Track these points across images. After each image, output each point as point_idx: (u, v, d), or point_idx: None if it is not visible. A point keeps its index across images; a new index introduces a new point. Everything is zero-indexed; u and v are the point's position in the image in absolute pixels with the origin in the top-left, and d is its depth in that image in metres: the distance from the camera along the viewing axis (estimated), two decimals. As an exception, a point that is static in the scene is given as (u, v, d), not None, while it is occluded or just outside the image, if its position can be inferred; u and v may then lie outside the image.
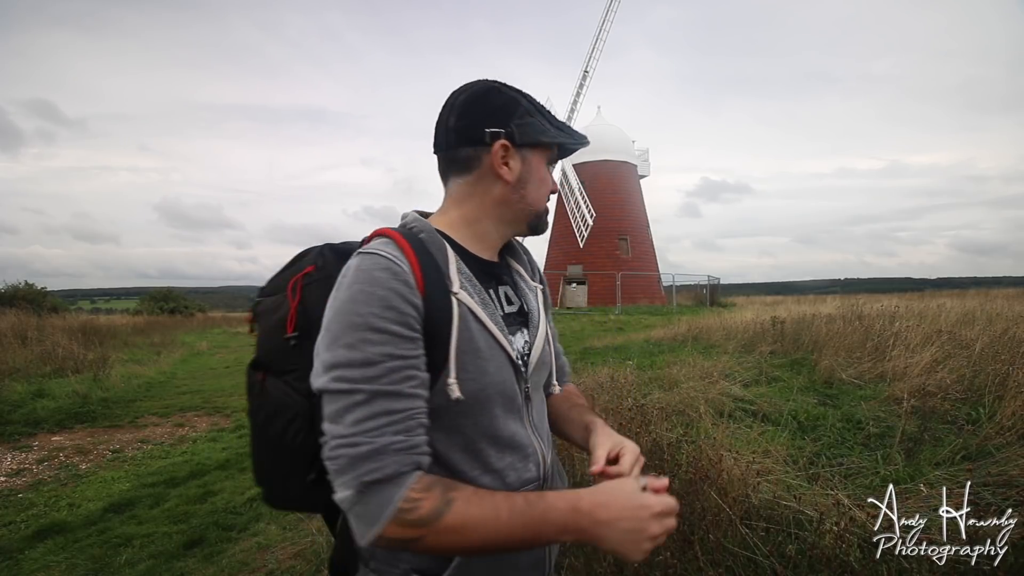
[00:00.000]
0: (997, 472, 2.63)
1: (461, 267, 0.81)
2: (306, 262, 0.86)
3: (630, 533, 0.67)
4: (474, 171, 0.84)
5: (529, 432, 0.85)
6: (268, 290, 0.90)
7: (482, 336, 0.78)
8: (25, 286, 20.79)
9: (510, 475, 0.81)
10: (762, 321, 8.76)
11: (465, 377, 0.74)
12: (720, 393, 4.49)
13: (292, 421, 0.80)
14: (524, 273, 0.96)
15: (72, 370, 7.37)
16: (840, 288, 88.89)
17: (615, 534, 0.67)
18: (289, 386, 0.82)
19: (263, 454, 0.86)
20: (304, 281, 0.83)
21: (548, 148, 0.88)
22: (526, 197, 0.86)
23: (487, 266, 0.88)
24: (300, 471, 0.81)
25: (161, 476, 4.04)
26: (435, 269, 0.76)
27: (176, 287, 29.64)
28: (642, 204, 28.02)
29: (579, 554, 1.94)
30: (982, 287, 23.48)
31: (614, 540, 0.68)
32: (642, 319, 16.05)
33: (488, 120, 0.82)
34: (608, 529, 0.68)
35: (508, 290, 0.91)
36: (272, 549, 2.79)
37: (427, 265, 0.75)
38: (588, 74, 25.17)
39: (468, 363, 0.75)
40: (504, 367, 0.80)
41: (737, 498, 2.20)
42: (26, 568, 2.69)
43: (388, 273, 0.71)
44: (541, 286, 0.98)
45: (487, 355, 0.78)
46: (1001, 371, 3.97)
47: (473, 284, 0.81)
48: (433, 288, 0.74)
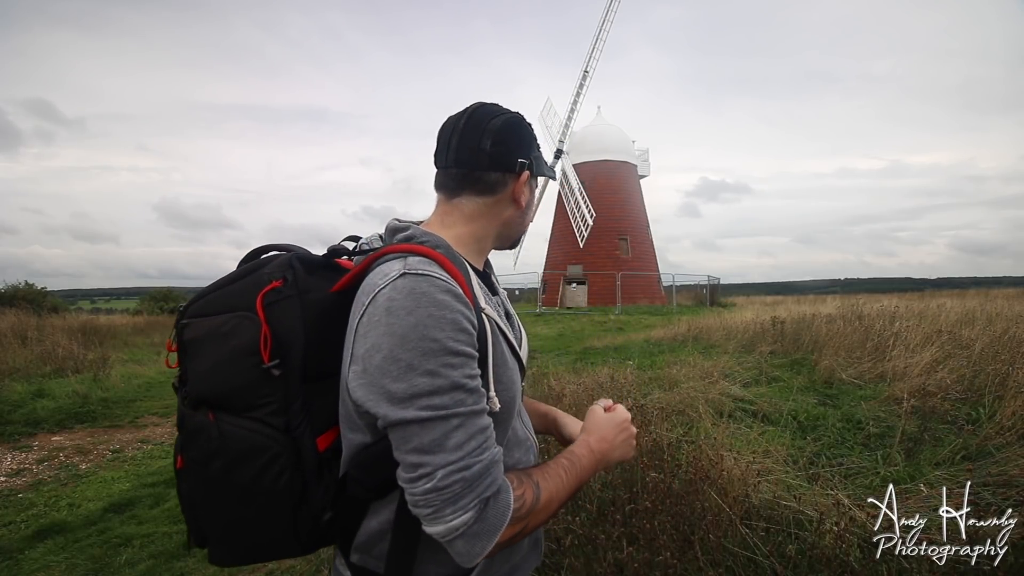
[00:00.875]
0: (997, 472, 2.63)
1: (479, 283, 0.83)
2: (269, 274, 0.75)
3: (623, 444, 0.92)
4: (497, 194, 0.87)
5: (525, 425, 0.93)
6: (204, 308, 0.77)
7: (505, 347, 0.82)
8: (25, 286, 20.77)
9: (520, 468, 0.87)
10: (762, 321, 8.76)
11: (500, 388, 0.77)
12: (720, 393, 4.49)
13: (272, 462, 0.72)
14: (495, 281, 1.01)
15: (72, 370, 7.36)
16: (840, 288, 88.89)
17: (617, 450, 0.91)
18: (261, 423, 0.72)
19: (217, 507, 0.75)
20: (271, 298, 0.72)
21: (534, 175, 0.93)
22: (525, 221, 0.95)
23: (483, 276, 0.90)
24: (283, 515, 0.74)
25: (161, 476, 4.03)
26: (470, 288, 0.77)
27: (176, 287, 29.58)
28: (642, 204, 28.01)
29: (579, 554, 1.94)
30: (982, 287, 23.48)
31: (618, 454, 0.91)
32: (642, 319, 16.05)
33: (520, 150, 0.87)
34: (613, 450, 0.90)
35: (499, 298, 0.95)
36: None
37: (469, 285, 0.76)
38: (588, 74, 25.16)
39: (502, 375, 0.78)
40: (516, 372, 0.85)
41: (737, 498, 2.20)
42: (26, 568, 2.69)
43: (451, 296, 0.69)
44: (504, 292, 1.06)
45: (512, 365, 0.83)
46: (1001, 371, 3.97)
47: (489, 298, 0.85)
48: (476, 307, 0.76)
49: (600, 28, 24.67)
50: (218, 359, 0.73)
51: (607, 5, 24.28)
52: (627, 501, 2.15)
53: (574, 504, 2.25)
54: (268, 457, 0.71)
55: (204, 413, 0.74)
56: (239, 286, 0.76)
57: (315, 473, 0.74)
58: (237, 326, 0.73)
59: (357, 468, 0.74)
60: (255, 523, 0.75)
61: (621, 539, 1.88)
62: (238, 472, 0.72)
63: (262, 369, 0.70)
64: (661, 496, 2.08)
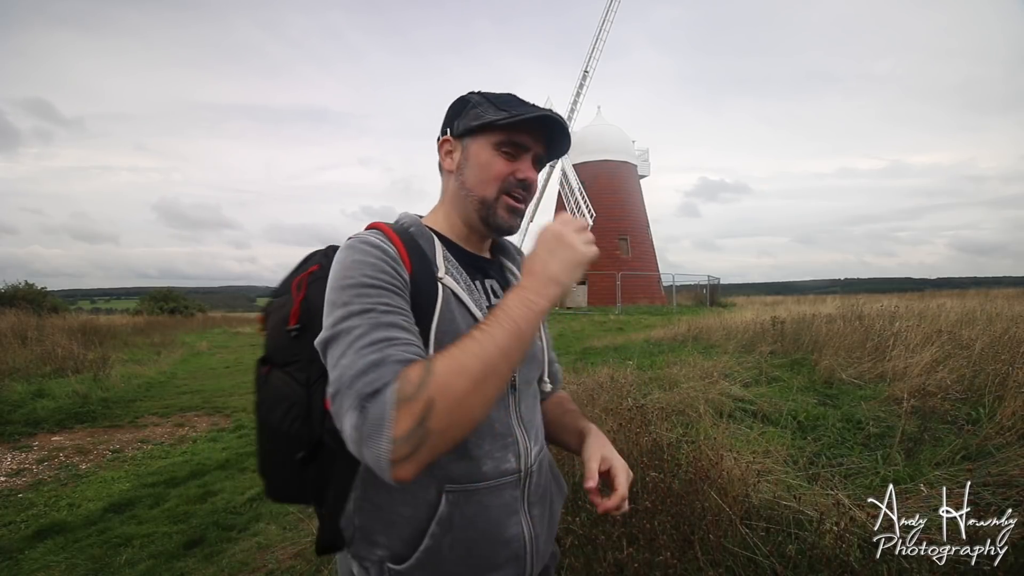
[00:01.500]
0: (997, 472, 2.63)
1: (447, 255, 0.86)
2: (311, 263, 0.90)
3: (562, 252, 0.76)
4: (441, 171, 0.93)
5: (513, 422, 0.86)
6: (277, 291, 0.94)
7: (464, 320, 0.82)
8: (25, 286, 20.78)
9: (486, 463, 0.82)
10: (762, 321, 8.76)
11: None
12: (720, 393, 4.49)
13: (290, 410, 0.83)
14: (517, 272, 0.98)
15: (72, 370, 7.36)
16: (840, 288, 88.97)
17: (558, 267, 0.75)
18: (290, 376, 0.85)
19: (265, 444, 0.88)
20: (309, 279, 0.87)
21: (487, 132, 0.86)
22: (466, 183, 0.88)
23: (473, 259, 0.93)
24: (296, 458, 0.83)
25: (161, 476, 4.03)
26: (421, 255, 0.83)
27: (176, 287, 29.63)
28: (642, 204, 28.02)
29: (579, 555, 1.94)
30: (982, 287, 23.49)
31: (561, 268, 0.75)
32: (642, 319, 16.05)
33: (445, 123, 0.91)
34: (550, 267, 0.75)
35: (495, 284, 0.94)
36: (272, 549, 2.79)
37: (413, 250, 0.82)
38: (588, 74, 25.16)
39: (447, 342, 0.74)
40: None
41: (737, 498, 2.20)
42: (26, 568, 2.69)
43: (377, 249, 0.78)
44: None
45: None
46: (1001, 371, 3.97)
47: (459, 271, 0.86)
48: (419, 269, 0.80)
49: (600, 28, 24.69)
50: (273, 326, 0.89)
51: (607, 5, 24.30)
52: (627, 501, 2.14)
53: (574, 504, 2.24)
54: (288, 404, 0.83)
55: (263, 367, 0.90)
56: (294, 274, 0.91)
57: (320, 424, 0.82)
58: (284, 304, 0.89)
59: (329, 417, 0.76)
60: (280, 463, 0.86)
61: (621, 539, 1.88)
62: (272, 415, 0.85)
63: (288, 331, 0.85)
64: (661, 496, 2.08)
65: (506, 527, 0.84)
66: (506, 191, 0.86)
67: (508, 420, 0.86)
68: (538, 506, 0.91)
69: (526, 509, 0.87)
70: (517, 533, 0.85)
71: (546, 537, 0.92)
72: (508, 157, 0.86)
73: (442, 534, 0.78)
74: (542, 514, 0.92)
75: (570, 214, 0.82)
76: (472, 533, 0.80)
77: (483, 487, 0.82)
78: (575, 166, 25.73)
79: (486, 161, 0.86)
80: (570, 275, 0.76)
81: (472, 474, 0.81)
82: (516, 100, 0.89)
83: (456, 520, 0.79)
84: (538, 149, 0.89)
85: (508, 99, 0.89)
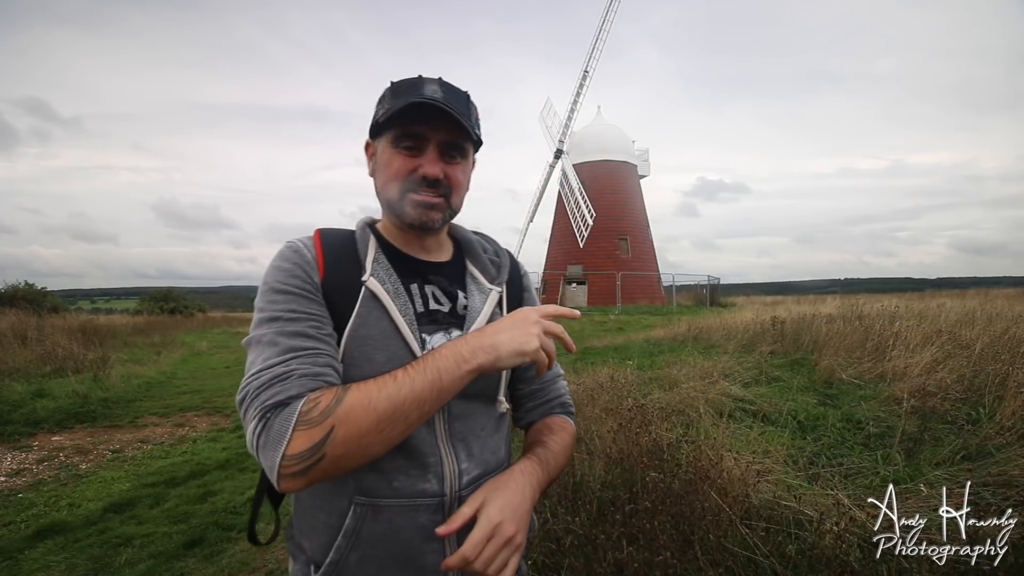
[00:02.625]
0: (997, 472, 2.63)
1: (380, 258, 0.83)
2: None
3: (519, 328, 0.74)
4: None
5: (438, 441, 0.79)
6: None
7: (381, 325, 0.78)
8: (25, 286, 20.77)
9: (399, 479, 0.76)
10: (762, 321, 8.76)
11: (350, 362, 0.75)
12: (720, 393, 4.49)
13: None
14: (478, 274, 0.92)
15: (72, 370, 7.36)
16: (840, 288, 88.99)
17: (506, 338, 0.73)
18: None
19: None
20: None
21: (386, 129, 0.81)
22: (378, 188, 0.86)
23: (412, 262, 0.88)
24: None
25: (161, 476, 4.03)
26: (347, 258, 0.81)
27: (176, 287, 29.62)
28: (642, 204, 28.02)
29: (579, 554, 1.94)
30: (982, 287, 23.48)
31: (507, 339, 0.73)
32: (642, 319, 16.04)
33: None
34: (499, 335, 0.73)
35: (436, 290, 0.87)
36: (272, 549, 2.79)
37: (335, 253, 0.81)
38: (588, 74, 25.16)
39: (355, 349, 0.76)
40: (398, 360, 0.76)
41: (737, 498, 2.20)
42: (26, 568, 2.69)
43: (295, 254, 0.79)
44: (499, 289, 0.92)
45: (379, 343, 0.77)
46: (1001, 371, 3.97)
47: (389, 274, 0.82)
48: (336, 272, 0.79)
49: (600, 28, 24.70)
50: None
51: (607, 5, 24.31)
52: (627, 501, 2.15)
53: (574, 504, 2.24)
54: None
55: None
56: None
57: None
58: None
59: None
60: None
61: (621, 539, 1.88)
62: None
63: None
64: (661, 496, 2.08)
65: (421, 553, 0.76)
66: (409, 190, 0.81)
67: (431, 438, 0.78)
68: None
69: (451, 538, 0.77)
70: (436, 563, 0.76)
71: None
72: (409, 152, 0.81)
73: (347, 548, 0.75)
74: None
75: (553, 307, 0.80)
76: (380, 552, 0.75)
77: (393, 504, 0.75)
78: (575, 166, 25.74)
79: (387, 160, 0.83)
80: (510, 353, 0.73)
81: (379, 488, 0.75)
82: (408, 85, 0.81)
83: (363, 535, 0.75)
84: (441, 135, 0.81)
85: (406, 86, 0.81)
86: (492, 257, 0.96)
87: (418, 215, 0.82)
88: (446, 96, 0.79)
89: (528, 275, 1.04)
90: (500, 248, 1.00)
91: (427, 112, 0.78)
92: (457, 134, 0.81)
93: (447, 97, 0.79)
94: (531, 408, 0.99)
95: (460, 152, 0.83)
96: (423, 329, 0.81)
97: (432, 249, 0.91)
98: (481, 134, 0.87)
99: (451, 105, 0.78)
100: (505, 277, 0.95)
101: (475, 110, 0.86)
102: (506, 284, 0.94)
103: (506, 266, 0.96)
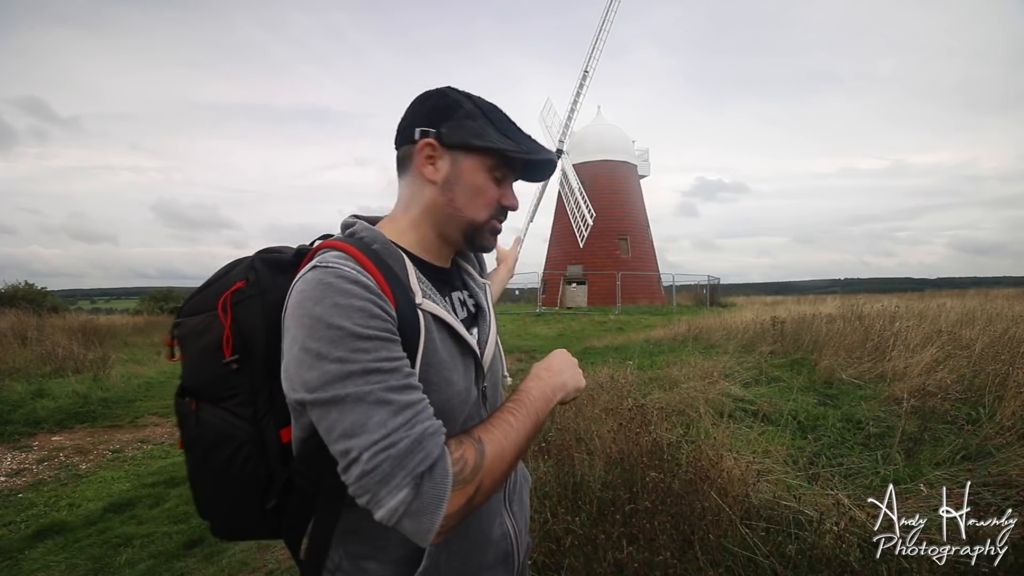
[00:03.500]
0: (997, 472, 2.63)
1: (420, 277, 0.79)
2: (235, 276, 0.80)
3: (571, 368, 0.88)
4: (408, 171, 0.83)
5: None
6: (189, 309, 0.83)
7: (447, 344, 0.77)
8: (25, 286, 20.77)
9: None
10: (762, 321, 8.76)
11: (431, 390, 0.72)
12: (720, 393, 4.49)
13: (239, 450, 0.76)
14: (473, 271, 0.97)
15: (72, 370, 7.36)
16: (840, 288, 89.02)
17: (569, 377, 0.86)
18: (230, 413, 0.77)
19: (206, 487, 0.81)
20: (234, 299, 0.77)
21: (486, 154, 0.81)
22: (454, 201, 0.81)
23: (442, 273, 0.87)
24: (253, 500, 0.78)
25: (161, 476, 4.03)
26: (396, 280, 0.74)
27: (176, 287, 29.58)
28: (642, 204, 28.01)
29: (579, 554, 1.94)
30: (982, 287, 23.46)
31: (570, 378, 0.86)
32: (642, 319, 16.05)
33: (423, 119, 0.81)
34: (562, 373, 0.86)
35: (462, 295, 0.91)
36: (272, 549, 2.79)
37: (390, 277, 0.73)
38: (588, 74, 25.14)
39: (433, 375, 0.73)
40: (468, 371, 0.80)
41: (737, 498, 2.20)
42: (26, 568, 2.69)
43: (359, 286, 0.67)
44: (487, 282, 1.00)
45: (451, 364, 0.76)
46: (1001, 371, 3.97)
47: (433, 292, 0.80)
48: (400, 299, 0.72)
49: (600, 28, 24.67)
50: (195, 354, 0.80)
51: (607, 5, 24.28)
52: (627, 501, 2.15)
53: (574, 504, 2.24)
54: (236, 445, 0.76)
55: (188, 402, 0.80)
56: (213, 289, 0.81)
57: (279, 462, 0.78)
58: (209, 325, 0.78)
59: (299, 460, 0.75)
60: (231, 505, 0.80)
61: (621, 539, 1.88)
62: (213, 457, 0.77)
63: (226, 363, 0.76)
64: (661, 496, 2.08)
65: (493, 528, 0.84)
66: (494, 217, 0.85)
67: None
68: (516, 502, 0.92)
69: (508, 507, 0.89)
70: (503, 532, 0.86)
71: (525, 530, 0.94)
72: (496, 182, 0.83)
73: (438, 551, 0.77)
74: (520, 509, 0.93)
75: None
76: (466, 543, 0.80)
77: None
78: (575, 166, 25.73)
79: (480, 185, 0.81)
80: (574, 390, 0.87)
81: None
82: (514, 126, 0.85)
83: (451, 535, 0.75)
84: (519, 175, 0.89)
85: (504, 119, 0.84)
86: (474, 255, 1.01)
87: (491, 242, 0.87)
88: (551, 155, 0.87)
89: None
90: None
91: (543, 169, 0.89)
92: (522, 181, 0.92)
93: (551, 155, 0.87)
94: None
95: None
96: None
97: (448, 258, 0.93)
98: None
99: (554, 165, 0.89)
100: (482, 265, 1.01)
101: None
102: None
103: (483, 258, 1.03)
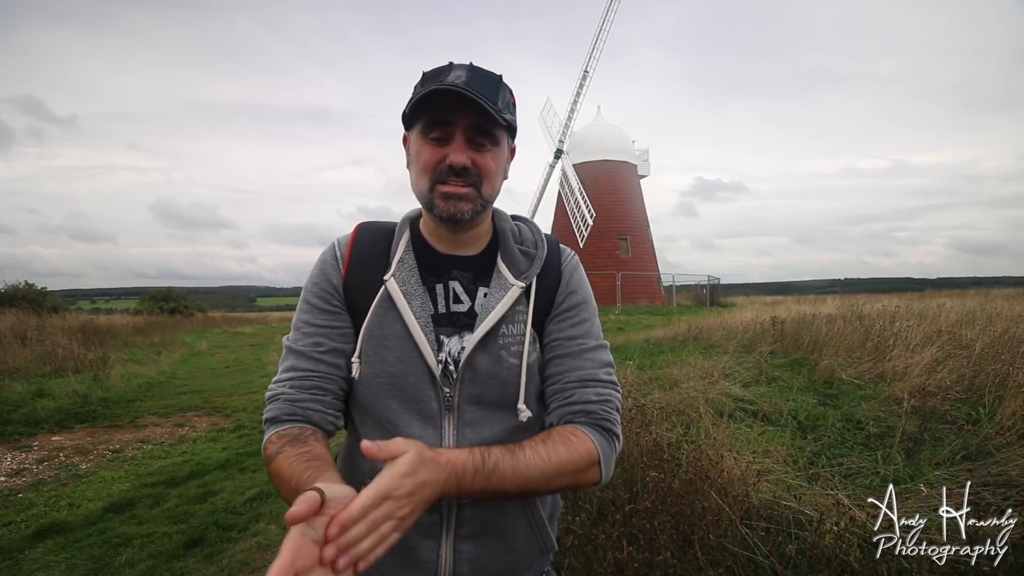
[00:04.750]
0: (997, 472, 2.63)
1: (407, 256, 0.84)
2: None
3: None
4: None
5: (443, 445, 0.77)
6: None
7: (395, 326, 0.79)
8: (25, 286, 20.76)
9: None
10: (762, 321, 8.75)
11: (365, 359, 0.80)
12: (720, 393, 4.49)
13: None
14: (504, 268, 0.85)
15: (72, 370, 7.36)
16: (840, 288, 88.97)
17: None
18: None
19: None
20: None
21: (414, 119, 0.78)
22: (413, 180, 0.82)
23: (441, 259, 0.85)
24: None
25: (161, 476, 4.03)
26: (376, 256, 0.84)
27: (176, 287, 29.60)
28: (642, 204, 28.00)
29: (579, 554, 1.94)
30: (982, 287, 23.47)
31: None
32: (642, 319, 16.04)
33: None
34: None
35: (459, 287, 0.84)
36: (272, 549, 2.79)
37: (365, 251, 0.85)
38: (588, 74, 25.13)
39: (370, 347, 0.80)
40: (409, 362, 0.78)
41: (737, 498, 2.20)
42: (26, 568, 2.69)
43: (327, 253, 0.87)
44: (522, 284, 0.83)
45: (392, 344, 0.79)
46: (1001, 371, 3.97)
47: (412, 274, 0.83)
48: (359, 272, 0.83)
49: (600, 28, 24.66)
50: None
51: (607, 5, 24.28)
52: (627, 501, 2.15)
53: (574, 504, 2.24)
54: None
55: None
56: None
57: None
58: None
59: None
60: None
61: (621, 539, 1.88)
62: None
63: None
64: (661, 496, 2.08)
65: (415, 549, 0.78)
66: (439, 181, 0.78)
67: (437, 442, 0.77)
68: (476, 541, 0.80)
69: (451, 538, 0.79)
70: (429, 559, 0.78)
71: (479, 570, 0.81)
72: (436, 142, 0.77)
73: None
74: (482, 551, 0.81)
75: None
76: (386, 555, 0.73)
77: None
78: (575, 166, 25.72)
79: (417, 151, 0.79)
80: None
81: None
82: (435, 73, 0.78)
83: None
84: (467, 122, 0.76)
85: (434, 74, 0.78)
86: (526, 248, 0.88)
87: (447, 207, 0.78)
88: (471, 80, 0.75)
89: (578, 271, 0.92)
90: (542, 237, 0.91)
91: (450, 99, 0.74)
92: (483, 119, 0.76)
93: (472, 81, 0.74)
94: (551, 410, 0.84)
95: (490, 139, 0.79)
96: (441, 331, 0.81)
97: (467, 243, 0.86)
98: (515, 119, 0.83)
99: (472, 89, 0.73)
100: (536, 270, 0.86)
101: (506, 93, 0.80)
102: (539, 279, 0.86)
103: (541, 258, 0.87)
